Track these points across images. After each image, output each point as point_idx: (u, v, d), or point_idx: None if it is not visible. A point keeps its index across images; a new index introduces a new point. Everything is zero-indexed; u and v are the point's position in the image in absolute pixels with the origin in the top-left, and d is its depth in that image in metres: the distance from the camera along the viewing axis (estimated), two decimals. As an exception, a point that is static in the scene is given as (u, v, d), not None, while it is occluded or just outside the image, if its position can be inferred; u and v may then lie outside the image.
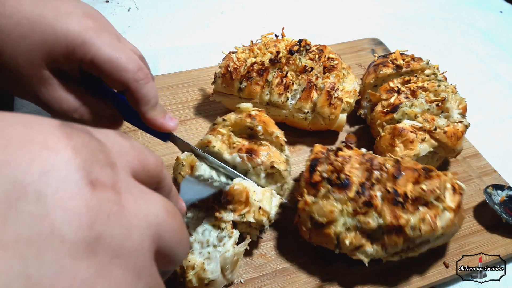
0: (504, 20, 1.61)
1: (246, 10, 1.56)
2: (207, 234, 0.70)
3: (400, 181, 0.72)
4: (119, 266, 0.24)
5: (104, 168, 0.26)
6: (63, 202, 0.22)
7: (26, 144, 0.23)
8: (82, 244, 0.22)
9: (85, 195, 0.23)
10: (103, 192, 0.25)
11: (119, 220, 0.25)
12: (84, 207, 0.23)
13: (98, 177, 0.25)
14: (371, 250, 0.71)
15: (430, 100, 0.90)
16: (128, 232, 0.25)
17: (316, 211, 0.71)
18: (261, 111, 0.82)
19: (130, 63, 0.60)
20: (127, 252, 0.24)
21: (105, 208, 0.24)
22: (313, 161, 0.76)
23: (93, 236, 0.23)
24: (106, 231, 0.24)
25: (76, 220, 0.22)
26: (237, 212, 0.71)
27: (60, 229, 0.22)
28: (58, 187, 0.23)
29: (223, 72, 0.98)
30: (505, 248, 0.82)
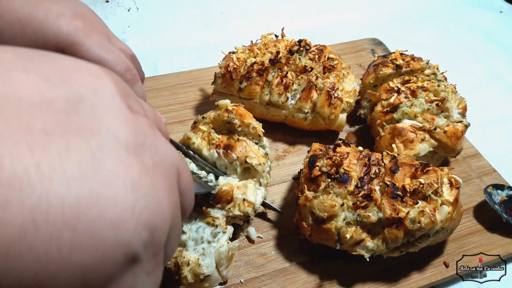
0: (504, 20, 1.61)
1: (246, 10, 1.56)
2: (201, 231, 0.71)
3: (398, 175, 0.74)
4: (158, 173, 0.27)
5: (136, 102, 0.30)
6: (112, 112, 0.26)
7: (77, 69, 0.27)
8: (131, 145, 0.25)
9: (126, 113, 0.27)
10: (139, 116, 0.28)
11: (155, 141, 0.28)
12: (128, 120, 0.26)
13: (133, 106, 0.28)
14: (371, 244, 0.71)
15: (430, 100, 0.90)
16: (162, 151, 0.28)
17: (317, 206, 0.71)
18: (238, 105, 0.84)
19: (118, 64, 0.62)
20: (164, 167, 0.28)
21: (143, 127, 0.27)
22: (311, 157, 0.77)
23: (138, 142, 0.26)
24: (147, 143, 0.27)
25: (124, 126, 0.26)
26: (223, 208, 0.74)
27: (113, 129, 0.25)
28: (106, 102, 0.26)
29: (223, 72, 0.98)
30: (505, 248, 0.82)
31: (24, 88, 0.23)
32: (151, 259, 0.26)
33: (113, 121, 0.25)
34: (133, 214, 0.24)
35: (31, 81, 0.23)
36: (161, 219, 0.26)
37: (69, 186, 0.21)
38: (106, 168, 0.23)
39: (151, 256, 0.26)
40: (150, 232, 0.25)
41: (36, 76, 0.24)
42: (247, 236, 0.81)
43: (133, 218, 0.24)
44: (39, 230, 0.20)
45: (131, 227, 0.23)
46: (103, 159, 0.23)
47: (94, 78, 0.27)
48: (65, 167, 0.21)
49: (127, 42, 1.31)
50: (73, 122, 0.23)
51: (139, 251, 0.24)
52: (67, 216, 0.21)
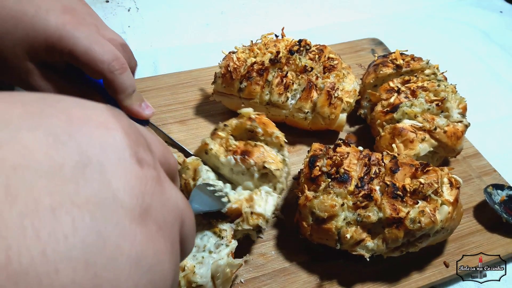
0: (504, 20, 1.61)
1: (246, 10, 1.56)
2: (206, 239, 0.70)
3: (398, 175, 0.74)
4: (162, 236, 0.27)
5: (146, 151, 0.29)
6: (120, 173, 0.25)
7: (86, 122, 0.26)
8: (136, 212, 0.25)
9: (136, 170, 0.26)
10: (148, 169, 0.27)
11: (161, 197, 0.28)
12: (136, 180, 0.26)
13: (143, 157, 0.28)
14: (372, 244, 0.71)
15: (430, 99, 0.90)
16: (167, 209, 0.28)
17: (317, 206, 0.71)
18: (261, 114, 0.82)
19: (105, 54, 0.65)
20: (167, 226, 0.27)
21: (151, 184, 0.27)
22: (312, 157, 0.77)
23: (144, 206, 0.26)
24: (153, 204, 0.26)
25: (131, 189, 0.25)
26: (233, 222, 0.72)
27: (119, 196, 0.24)
28: (115, 160, 0.25)
29: (223, 72, 0.98)
30: (505, 248, 0.82)
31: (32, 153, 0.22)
32: None
33: (121, 184, 0.25)
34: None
35: (40, 143, 0.23)
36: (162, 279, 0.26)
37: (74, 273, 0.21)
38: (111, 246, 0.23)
39: None
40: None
41: (45, 136, 0.23)
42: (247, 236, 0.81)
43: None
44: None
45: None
46: (109, 235, 0.23)
47: (103, 130, 0.26)
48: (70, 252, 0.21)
49: (127, 42, 1.31)
50: (81, 192, 0.23)
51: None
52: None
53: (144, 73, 1.20)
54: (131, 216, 0.25)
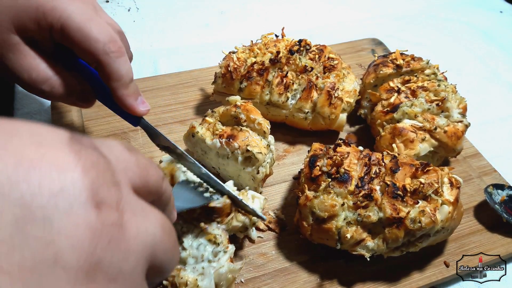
0: (504, 20, 1.61)
1: (246, 10, 1.56)
2: (202, 249, 0.69)
3: (398, 175, 0.74)
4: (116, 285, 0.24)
5: (110, 187, 0.26)
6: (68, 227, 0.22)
7: (37, 164, 0.23)
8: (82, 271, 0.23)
9: (90, 219, 0.24)
10: (107, 214, 0.25)
11: (119, 244, 0.25)
12: (88, 232, 0.23)
13: (104, 198, 0.25)
14: (372, 244, 0.71)
15: (430, 99, 0.90)
16: (126, 256, 0.25)
17: (318, 205, 0.71)
18: (247, 102, 0.86)
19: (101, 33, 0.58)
20: (123, 276, 0.25)
21: (107, 232, 0.24)
22: (312, 157, 0.77)
23: (94, 262, 0.23)
24: (106, 256, 0.24)
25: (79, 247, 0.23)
26: (222, 222, 0.72)
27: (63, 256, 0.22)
28: (65, 210, 0.23)
29: (223, 72, 0.98)
30: (505, 247, 0.82)
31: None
32: None
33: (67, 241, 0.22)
34: None
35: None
36: None
37: None
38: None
39: None
40: None
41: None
42: (247, 236, 0.81)
43: None
44: None
45: None
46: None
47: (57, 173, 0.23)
48: None
49: (127, 42, 1.31)
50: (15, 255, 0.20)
51: None
52: None
53: (144, 73, 1.20)
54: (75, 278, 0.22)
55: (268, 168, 0.83)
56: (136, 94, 0.65)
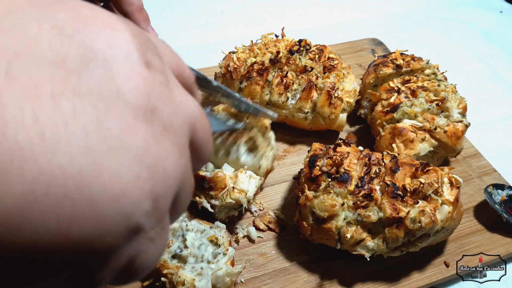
0: (504, 20, 1.61)
1: (246, 10, 1.56)
2: (203, 249, 0.70)
3: (398, 175, 0.74)
4: (168, 138, 0.26)
5: (155, 55, 0.27)
6: (126, 71, 0.25)
7: (93, 20, 0.25)
8: (141, 110, 0.24)
9: (143, 71, 0.25)
10: (156, 73, 0.26)
11: (169, 100, 0.27)
12: (143, 80, 0.25)
13: (151, 61, 0.27)
14: (372, 244, 0.71)
15: (430, 99, 0.90)
16: (175, 112, 0.27)
17: (317, 205, 0.71)
18: (247, 98, 0.85)
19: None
20: (174, 130, 0.27)
21: (158, 87, 0.26)
22: (312, 157, 0.77)
23: (150, 106, 0.25)
24: (159, 105, 0.26)
25: (136, 88, 0.25)
26: (217, 197, 0.74)
27: (124, 92, 0.24)
28: (121, 59, 0.25)
29: (223, 72, 0.98)
30: (505, 247, 0.82)
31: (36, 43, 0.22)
32: (155, 226, 0.26)
33: (126, 82, 0.25)
34: (136, 185, 0.23)
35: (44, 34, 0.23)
36: (166, 187, 0.26)
37: (72, 157, 0.21)
38: (112, 137, 0.23)
39: (155, 224, 0.26)
40: (154, 202, 0.25)
41: (50, 27, 0.23)
42: (247, 236, 0.81)
43: (136, 190, 0.23)
44: (39, 203, 0.20)
45: (133, 199, 0.23)
46: (110, 127, 0.23)
47: (111, 30, 0.25)
48: (70, 137, 0.21)
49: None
50: (83, 83, 0.23)
51: (141, 222, 0.24)
52: (68, 189, 0.20)
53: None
54: (135, 113, 0.24)
55: (270, 162, 0.83)
56: (147, 20, 0.70)
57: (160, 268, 0.69)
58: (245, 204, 0.77)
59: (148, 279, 0.72)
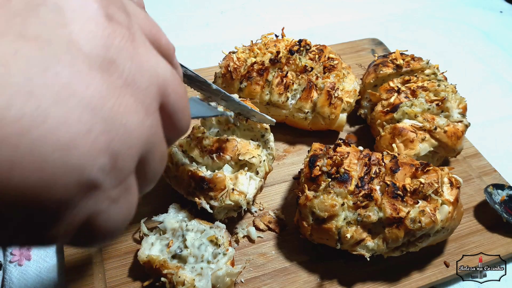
0: (504, 20, 1.61)
1: (246, 10, 1.56)
2: (203, 249, 0.70)
3: (398, 175, 0.74)
4: (130, 94, 0.24)
5: (120, 11, 0.26)
6: (80, 19, 0.23)
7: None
8: (97, 60, 0.23)
9: (102, 22, 0.24)
10: (118, 26, 0.25)
11: (132, 56, 0.25)
12: (101, 30, 0.24)
13: (114, 14, 0.25)
14: (372, 244, 0.71)
15: (430, 99, 0.90)
16: (140, 69, 0.25)
17: (317, 205, 0.71)
18: (245, 100, 0.85)
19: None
20: (138, 87, 0.25)
21: (119, 40, 0.25)
22: (312, 157, 0.77)
23: (108, 57, 0.24)
24: (120, 59, 0.24)
25: (92, 37, 0.23)
26: (216, 198, 0.74)
27: (77, 40, 0.22)
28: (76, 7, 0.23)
29: (224, 72, 0.98)
30: (505, 247, 0.82)
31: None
32: (116, 186, 0.25)
33: (80, 30, 0.23)
34: (87, 138, 0.22)
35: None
36: (126, 145, 0.24)
37: (12, 99, 0.19)
38: (60, 84, 0.21)
39: (115, 183, 0.24)
40: (111, 158, 0.23)
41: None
42: (247, 236, 0.81)
43: (87, 142, 0.22)
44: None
45: (84, 152, 0.22)
46: (58, 72, 0.21)
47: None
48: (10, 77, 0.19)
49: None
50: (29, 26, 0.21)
51: (96, 178, 0.23)
52: (7, 132, 0.19)
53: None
54: (90, 63, 0.23)
55: (267, 166, 0.83)
56: None
57: (160, 268, 0.69)
58: (245, 206, 0.77)
59: (148, 279, 0.72)
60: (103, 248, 0.77)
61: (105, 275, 0.74)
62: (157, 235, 0.75)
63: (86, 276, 0.73)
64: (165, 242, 0.73)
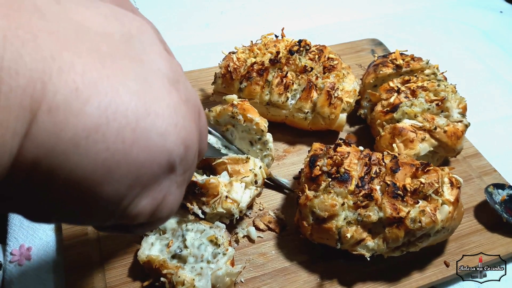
0: (504, 20, 1.61)
1: (246, 10, 1.56)
2: (203, 248, 0.70)
3: (399, 175, 0.74)
4: (189, 106, 0.33)
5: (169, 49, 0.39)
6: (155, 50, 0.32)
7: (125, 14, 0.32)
8: (171, 78, 0.32)
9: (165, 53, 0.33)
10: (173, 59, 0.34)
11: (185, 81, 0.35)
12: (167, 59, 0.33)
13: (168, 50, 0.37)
14: (372, 244, 0.71)
15: (430, 99, 0.90)
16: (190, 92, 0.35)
17: (318, 205, 0.71)
18: (244, 101, 0.86)
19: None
20: (190, 104, 0.34)
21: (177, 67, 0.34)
22: (312, 156, 0.77)
23: (175, 78, 0.33)
24: (180, 81, 0.34)
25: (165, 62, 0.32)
26: (208, 205, 0.75)
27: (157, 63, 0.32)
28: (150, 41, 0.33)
29: (223, 72, 0.98)
30: (505, 247, 0.82)
31: (90, 21, 0.29)
32: (182, 173, 0.33)
33: (157, 57, 0.32)
34: (175, 129, 0.30)
35: (94, 17, 0.29)
36: (192, 141, 0.33)
37: (131, 97, 0.27)
38: (155, 89, 0.30)
39: (182, 171, 0.33)
40: (185, 148, 0.32)
41: (97, 14, 0.30)
42: (247, 236, 0.81)
43: (175, 133, 0.30)
44: (110, 124, 0.26)
45: (173, 139, 0.30)
46: (153, 82, 0.30)
47: (139, 22, 0.33)
48: (128, 82, 0.28)
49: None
50: (129, 51, 0.30)
51: (176, 161, 0.31)
52: (129, 119, 0.27)
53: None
54: (168, 79, 0.31)
55: (264, 172, 0.83)
56: None
57: (159, 268, 0.69)
58: (237, 215, 0.77)
59: (148, 279, 0.72)
60: (103, 248, 0.77)
61: (105, 275, 0.74)
62: (157, 235, 0.75)
63: (86, 276, 0.73)
64: (165, 242, 0.73)
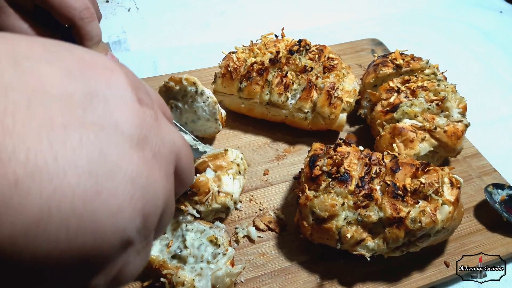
0: (504, 20, 1.61)
1: (246, 10, 1.56)
2: (203, 249, 0.70)
3: (399, 175, 0.74)
4: (157, 164, 0.31)
5: (145, 94, 0.33)
6: (122, 106, 0.29)
7: (94, 64, 0.30)
8: (134, 139, 0.29)
9: (136, 107, 0.30)
10: (146, 108, 0.31)
11: (157, 132, 0.32)
12: (136, 114, 0.30)
13: (142, 98, 0.32)
14: (372, 244, 0.71)
15: (430, 99, 0.90)
16: (163, 142, 0.32)
17: (318, 205, 0.71)
18: None
19: (77, 2, 0.70)
20: (162, 157, 0.31)
21: (149, 120, 0.31)
22: (312, 156, 0.77)
23: (142, 135, 0.30)
24: (150, 136, 0.30)
25: (131, 121, 0.29)
26: (202, 203, 0.75)
27: (120, 124, 0.29)
28: (118, 96, 0.29)
29: (223, 72, 0.98)
30: (506, 247, 0.82)
31: (49, 82, 0.27)
32: (142, 241, 0.30)
33: (122, 115, 0.29)
34: (130, 203, 0.27)
35: (55, 75, 0.27)
36: (154, 207, 0.30)
37: (79, 178, 0.25)
38: (111, 162, 0.27)
39: (142, 239, 0.30)
40: (143, 219, 0.29)
41: (59, 70, 0.28)
42: (247, 236, 0.81)
43: (129, 207, 0.27)
44: (53, 216, 0.24)
45: (127, 215, 0.27)
46: (109, 153, 0.27)
47: (109, 72, 0.30)
48: (77, 161, 0.25)
49: (127, 42, 1.31)
50: (88, 116, 0.27)
51: (132, 236, 0.29)
52: (75, 205, 0.25)
53: (144, 73, 1.20)
54: (130, 142, 0.29)
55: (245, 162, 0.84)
56: (105, 51, 0.79)
57: (159, 269, 0.69)
58: (232, 207, 0.78)
59: (148, 279, 0.72)
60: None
61: (105, 275, 0.74)
62: None
63: (86, 276, 0.73)
64: (165, 242, 0.73)
